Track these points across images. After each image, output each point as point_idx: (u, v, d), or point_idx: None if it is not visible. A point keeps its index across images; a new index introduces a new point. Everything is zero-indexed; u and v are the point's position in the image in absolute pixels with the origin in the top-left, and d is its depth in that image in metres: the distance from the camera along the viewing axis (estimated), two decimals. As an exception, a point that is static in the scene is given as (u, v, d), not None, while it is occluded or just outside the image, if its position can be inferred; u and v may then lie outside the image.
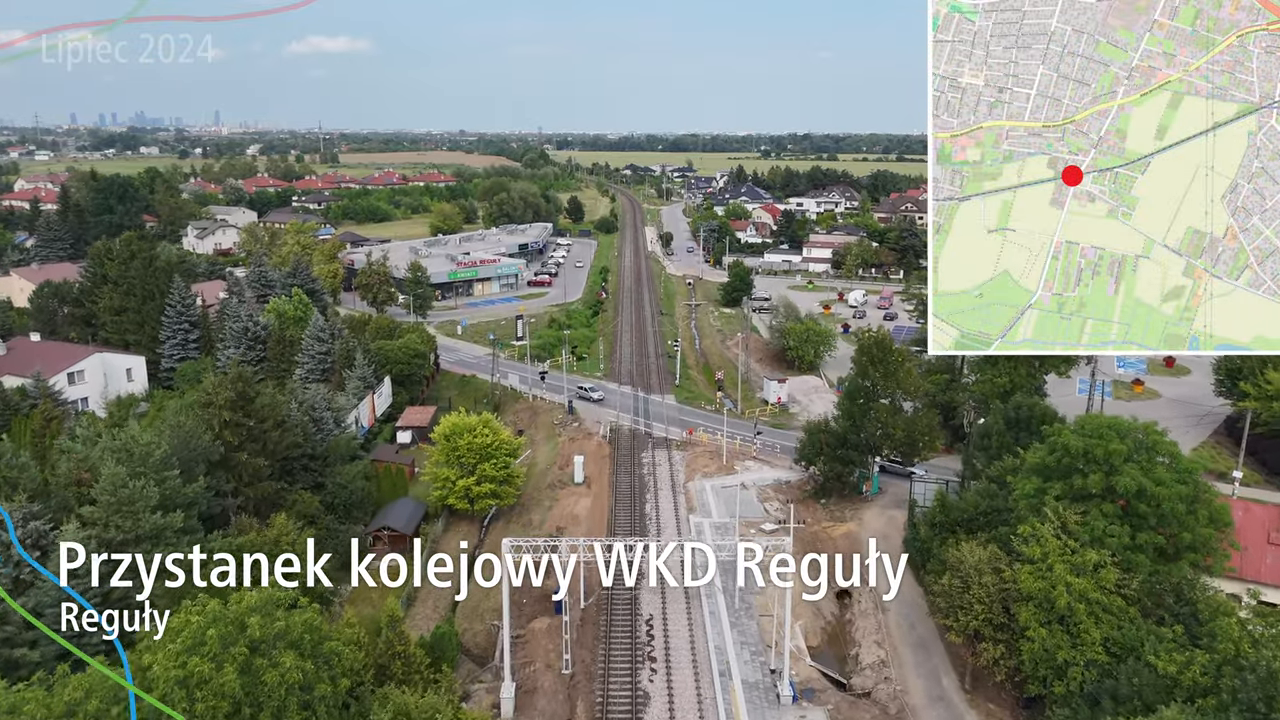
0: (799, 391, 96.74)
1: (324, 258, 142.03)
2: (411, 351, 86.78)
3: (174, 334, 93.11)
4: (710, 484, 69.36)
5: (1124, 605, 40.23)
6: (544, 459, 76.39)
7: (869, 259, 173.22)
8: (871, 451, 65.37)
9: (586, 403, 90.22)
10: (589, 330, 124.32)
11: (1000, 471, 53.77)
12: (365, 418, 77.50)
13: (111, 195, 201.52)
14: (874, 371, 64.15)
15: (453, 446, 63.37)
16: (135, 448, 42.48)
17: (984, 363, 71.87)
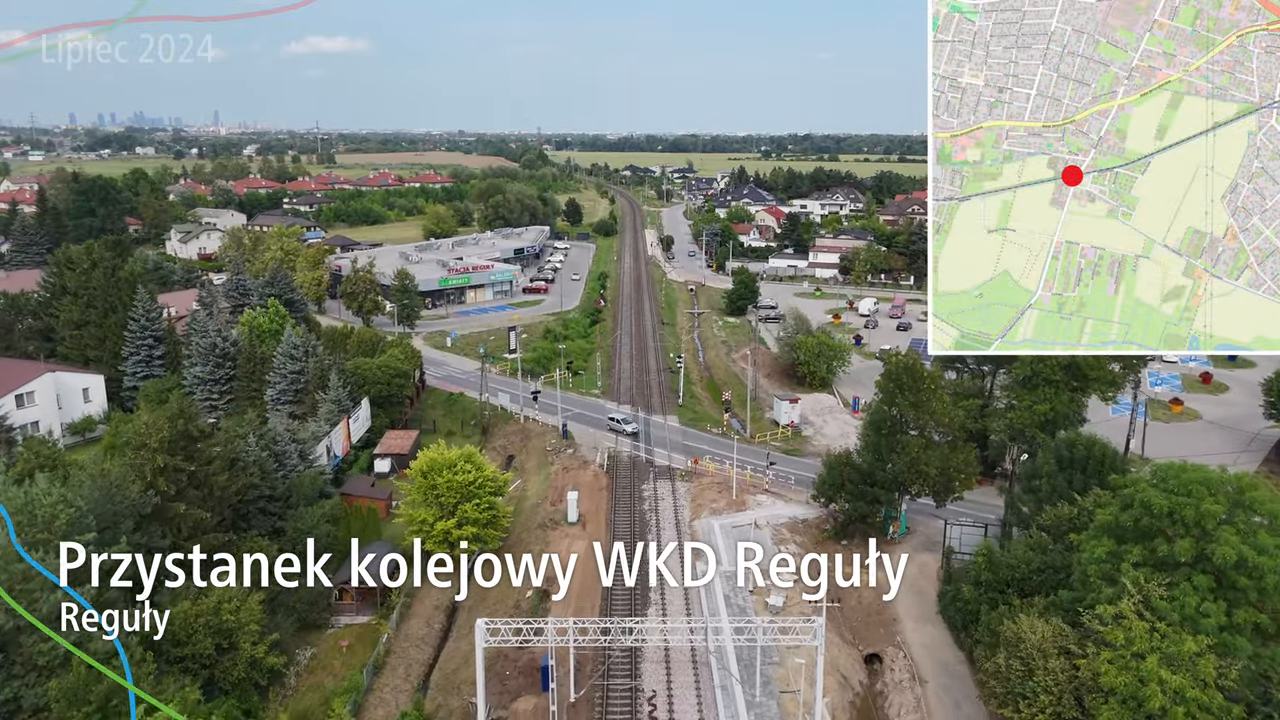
0: (811, 411, 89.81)
1: (308, 264, 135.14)
2: (392, 371, 79.82)
3: (137, 350, 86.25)
4: (719, 523, 62.45)
5: (1224, 702, 33.39)
6: (535, 491, 69.47)
7: (878, 264, 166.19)
8: (900, 490, 58.44)
9: (590, 429, 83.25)
10: (586, 342, 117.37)
11: (1054, 520, 46.98)
12: (339, 445, 70.57)
13: (93, 197, 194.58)
14: (902, 399, 57.22)
15: (430, 485, 56.45)
16: (39, 509, 35.59)
17: (1021, 387, 64.94)
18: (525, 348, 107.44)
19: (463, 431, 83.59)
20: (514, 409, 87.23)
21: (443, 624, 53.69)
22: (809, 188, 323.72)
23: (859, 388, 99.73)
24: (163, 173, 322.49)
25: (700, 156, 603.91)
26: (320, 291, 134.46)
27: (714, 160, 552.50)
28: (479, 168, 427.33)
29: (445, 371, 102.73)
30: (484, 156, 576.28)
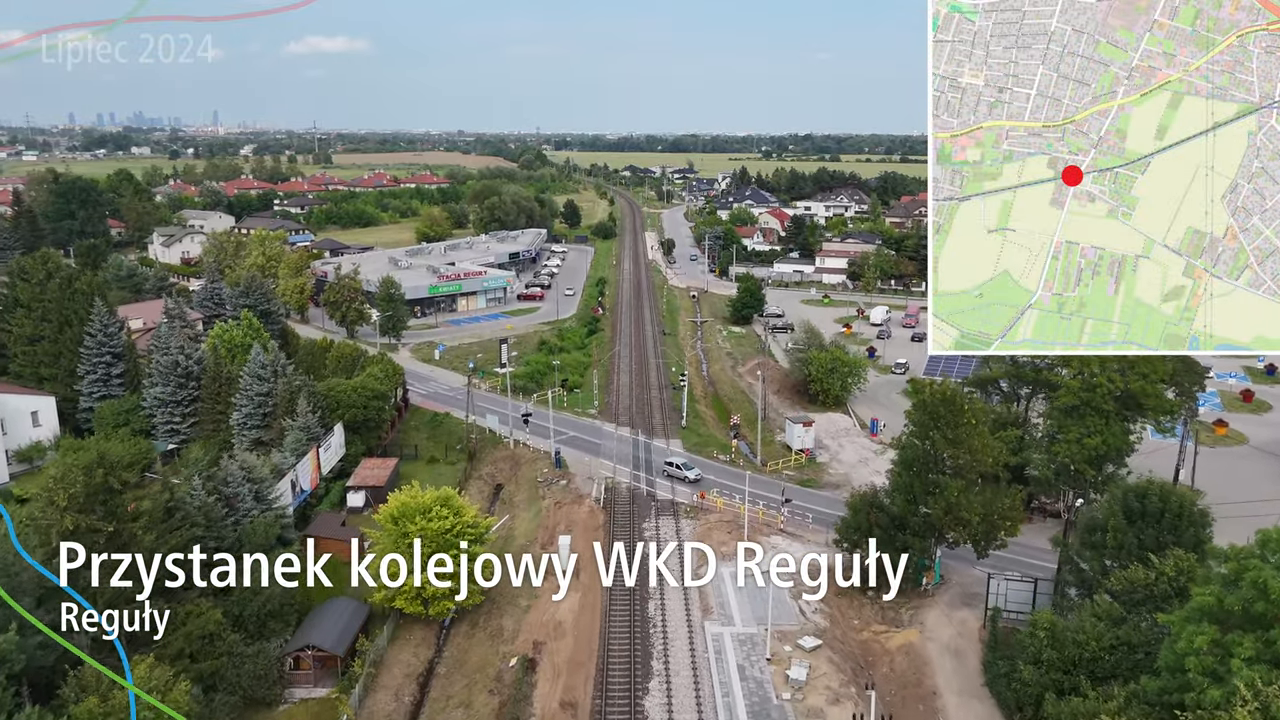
0: (826, 434, 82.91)
1: (291, 270, 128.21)
2: (369, 393, 72.86)
3: (94, 368, 79.31)
4: (729, 570, 55.45)
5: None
6: (524, 531, 62.55)
7: (888, 270, 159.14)
8: (936, 537, 51.58)
9: (585, 455, 76.37)
10: (583, 354, 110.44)
11: (1126, 586, 40.13)
12: (306, 479, 63.64)
13: (72, 199, 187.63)
14: (938, 434, 50.35)
15: (402, 532, 49.57)
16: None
17: (1066, 417, 58.00)
18: (518, 361, 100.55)
19: (447, 458, 76.69)
20: (504, 431, 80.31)
21: (414, 696, 46.79)
22: (812, 189, 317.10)
23: (875, 406, 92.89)
24: (152, 173, 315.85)
25: (700, 157, 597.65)
26: (303, 300, 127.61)
27: (714, 160, 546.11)
28: (477, 168, 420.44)
29: (431, 388, 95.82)
30: (482, 157, 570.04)
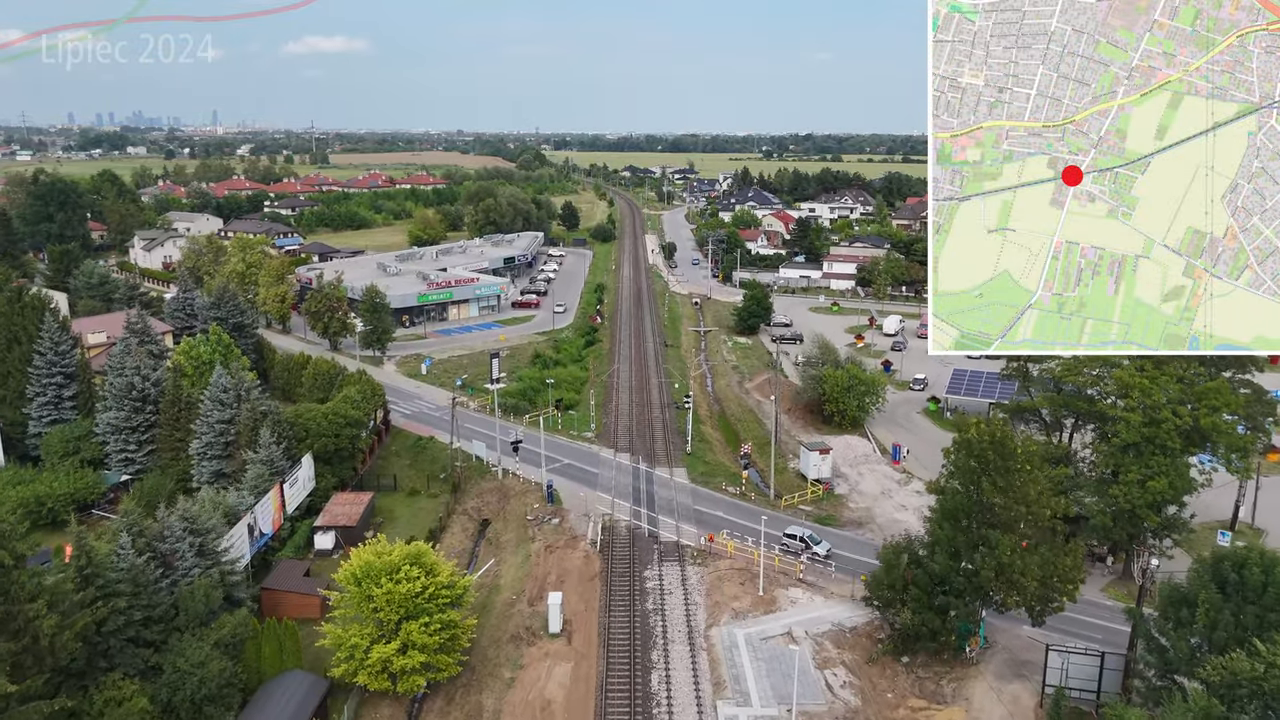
0: (843, 460, 76.08)
1: (272, 277, 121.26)
2: (342, 420, 66.00)
3: (43, 390, 72.52)
4: (743, 633, 48.68)
5: None
6: (510, 580, 55.63)
7: (899, 275, 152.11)
8: (983, 599, 44.76)
9: (580, 487, 69.60)
10: (579, 368, 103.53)
11: (1225, 676, 33.33)
12: (267, 521, 56.76)
13: (51, 201, 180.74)
14: (987, 483, 43.52)
15: (366, 595, 42.76)
16: None
17: (1125, 455, 51.26)
18: (510, 376, 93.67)
19: (429, 490, 69.81)
20: (491, 458, 73.43)
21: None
22: (815, 189, 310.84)
23: (894, 427, 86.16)
24: (141, 174, 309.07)
25: (700, 157, 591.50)
26: (284, 309, 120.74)
27: (715, 160, 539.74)
28: (475, 168, 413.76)
29: (416, 407, 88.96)
30: (481, 156, 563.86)
